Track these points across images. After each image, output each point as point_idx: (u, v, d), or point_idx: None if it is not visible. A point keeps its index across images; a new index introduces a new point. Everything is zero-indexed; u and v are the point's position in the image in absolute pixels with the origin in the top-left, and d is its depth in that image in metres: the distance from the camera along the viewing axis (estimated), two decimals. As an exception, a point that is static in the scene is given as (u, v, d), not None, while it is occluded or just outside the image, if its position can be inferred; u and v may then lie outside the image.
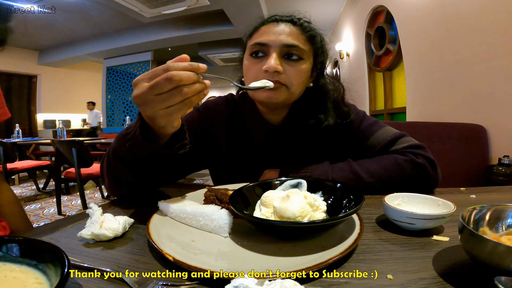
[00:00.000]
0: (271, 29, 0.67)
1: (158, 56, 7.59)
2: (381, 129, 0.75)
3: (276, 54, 0.65)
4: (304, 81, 0.69)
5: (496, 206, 0.37)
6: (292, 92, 0.67)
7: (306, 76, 0.69)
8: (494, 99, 1.57)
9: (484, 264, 0.30)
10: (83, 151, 2.53)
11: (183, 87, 0.43)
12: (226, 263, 0.36)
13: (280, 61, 0.65)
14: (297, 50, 0.66)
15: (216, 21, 5.23)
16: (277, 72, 0.64)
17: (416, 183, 0.67)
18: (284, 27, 0.67)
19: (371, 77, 3.86)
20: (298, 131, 0.76)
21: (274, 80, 0.64)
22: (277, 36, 0.65)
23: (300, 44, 0.66)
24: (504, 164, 1.42)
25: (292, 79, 0.66)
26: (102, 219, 0.46)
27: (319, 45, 0.72)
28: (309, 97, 0.74)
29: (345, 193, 0.50)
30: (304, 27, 0.69)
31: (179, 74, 0.43)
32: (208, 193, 0.54)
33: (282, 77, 0.65)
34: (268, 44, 0.66)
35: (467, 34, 1.76)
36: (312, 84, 0.74)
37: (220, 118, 0.81)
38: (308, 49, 0.68)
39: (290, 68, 0.66)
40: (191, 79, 0.44)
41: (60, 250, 0.29)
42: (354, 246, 0.38)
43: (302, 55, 0.67)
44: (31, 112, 7.18)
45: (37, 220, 2.69)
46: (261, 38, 0.67)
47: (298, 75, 0.67)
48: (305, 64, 0.68)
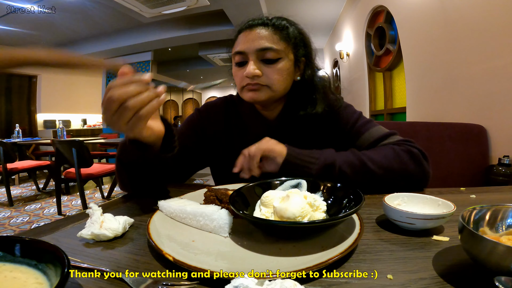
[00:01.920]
0: (246, 37, 0.71)
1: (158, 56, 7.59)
2: (375, 127, 0.79)
3: (252, 59, 0.70)
4: (286, 78, 0.73)
5: (496, 206, 0.37)
6: (274, 90, 0.72)
7: (287, 73, 0.73)
8: (494, 99, 1.57)
9: (484, 264, 0.30)
10: (83, 151, 2.53)
11: (128, 101, 0.45)
12: (226, 263, 0.36)
13: (259, 65, 0.70)
14: (272, 51, 0.69)
15: (216, 21, 5.23)
16: (256, 76, 0.70)
17: (412, 173, 0.67)
18: (257, 32, 0.71)
19: (371, 77, 3.86)
20: (293, 125, 0.79)
21: (254, 83, 0.70)
22: (251, 42, 0.70)
23: (274, 45, 0.70)
24: (504, 164, 1.42)
25: (272, 79, 0.70)
26: (102, 219, 0.46)
27: (297, 40, 0.74)
28: (299, 90, 0.78)
29: (345, 193, 0.50)
30: (276, 26, 0.72)
31: (117, 92, 0.44)
32: (208, 193, 0.54)
33: (262, 79, 0.70)
34: (244, 51, 0.71)
35: (467, 34, 1.76)
36: (299, 78, 0.77)
37: (219, 117, 0.85)
38: (284, 47, 0.71)
39: (269, 70, 0.70)
40: (131, 92, 0.45)
41: (60, 250, 0.29)
42: (354, 246, 0.38)
43: (279, 55, 0.70)
44: (31, 112, 7.17)
45: (37, 220, 2.69)
46: (238, 47, 0.72)
47: (278, 75, 0.71)
48: (283, 62, 0.71)
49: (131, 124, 0.47)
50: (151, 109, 0.47)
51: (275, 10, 0.79)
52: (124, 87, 0.45)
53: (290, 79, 0.75)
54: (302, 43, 0.76)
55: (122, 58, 6.67)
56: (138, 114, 0.46)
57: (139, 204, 0.63)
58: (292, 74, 0.75)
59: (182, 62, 9.35)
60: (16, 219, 2.72)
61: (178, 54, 8.33)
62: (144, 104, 0.46)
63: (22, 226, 2.54)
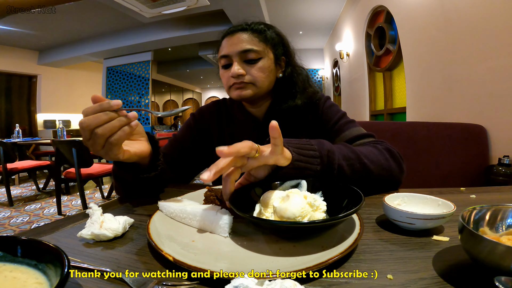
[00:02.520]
0: (229, 41, 0.79)
1: (158, 56, 7.60)
2: (356, 127, 0.82)
3: (236, 61, 0.77)
4: (269, 75, 0.80)
5: (496, 206, 0.37)
6: (258, 86, 0.79)
7: (269, 71, 0.80)
8: (494, 99, 1.57)
9: (484, 264, 0.30)
10: (83, 151, 2.53)
11: (97, 129, 0.47)
12: (226, 263, 0.36)
13: (242, 65, 0.78)
14: (253, 52, 0.77)
15: (216, 21, 5.23)
16: (240, 75, 0.77)
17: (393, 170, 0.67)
18: (238, 36, 0.78)
19: (371, 77, 3.87)
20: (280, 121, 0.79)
21: (239, 82, 0.77)
22: (234, 46, 0.77)
23: (254, 47, 0.77)
24: (504, 164, 1.42)
25: (255, 77, 0.78)
26: (102, 219, 0.46)
27: (275, 41, 0.82)
28: (282, 86, 0.85)
29: (345, 193, 0.50)
30: (255, 30, 0.80)
31: (85, 121, 0.47)
32: (208, 193, 0.55)
33: (246, 78, 0.77)
34: (228, 55, 0.78)
35: (467, 34, 1.76)
36: (281, 75, 0.84)
37: (212, 119, 0.91)
38: (264, 47, 0.79)
39: (251, 69, 0.78)
40: (99, 120, 0.47)
41: (60, 250, 0.29)
42: (354, 246, 0.38)
43: (259, 55, 0.78)
44: (31, 112, 7.17)
45: (37, 220, 2.69)
46: (223, 51, 0.79)
47: (260, 72, 0.78)
48: (264, 61, 0.79)
49: (106, 150, 0.49)
50: (122, 135, 0.49)
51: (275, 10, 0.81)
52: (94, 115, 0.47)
53: (273, 76, 0.82)
54: (281, 43, 0.83)
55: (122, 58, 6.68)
56: (109, 141, 0.48)
57: (139, 204, 0.63)
58: (274, 71, 0.82)
59: (182, 62, 9.36)
60: (16, 219, 2.72)
61: (178, 54, 8.34)
62: (113, 132, 0.48)
63: (22, 226, 2.54)
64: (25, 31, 5.51)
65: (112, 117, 0.48)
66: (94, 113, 0.47)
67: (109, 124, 0.47)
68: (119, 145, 0.50)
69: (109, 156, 0.51)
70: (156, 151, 0.63)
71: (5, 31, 5.44)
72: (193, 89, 13.86)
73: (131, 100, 6.71)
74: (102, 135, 0.47)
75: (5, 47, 6.24)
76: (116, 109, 0.48)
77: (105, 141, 0.48)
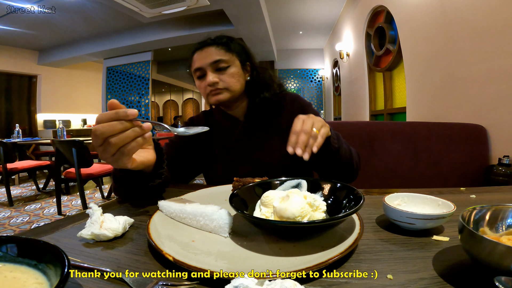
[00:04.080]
0: (200, 56, 0.89)
1: (158, 56, 7.58)
2: None
3: (209, 71, 0.87)
4: (239, 79, 0.90)
5: (496, 206, 0.37)
6: (232, 90, 0.88)
7: (238, 75, 0.90)
8: (494, 99, 1.57)
9: (484, 264, 0.30)
10: (83, 151, 2.53)
11: (110, 138, 0.46)
12: (226, 263, 0.36)
13: (215, 74, 0.87)
14: (222, 61, 0.87)
15: (216, 21, 5.23)
16: (215, 83, 0.86)
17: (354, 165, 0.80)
18: (207, 50, 0.88)
19: (371, 77, 3.86)
20: (258, 119, 0.94)
21: (215, 89, 0.87)
22: (205, 59, 0.87)
23: (222, 56, 0.87)
24: (504, 164, 1.42)
25: (227, 82, 0.88)
26: (102, 219, 0.46)
27: (237, 49, 0.92)
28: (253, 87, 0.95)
29: (345, 193, 0.50)
30: (219, 43, 0.90)
31: (99, 128, 0.45)
32: (236, 183, 0.59)
33: (220, 84, 0.87)
34: (201, 67, 0.88)
35: (467, 34, 1.76)
36: (249, 78, 0.95)
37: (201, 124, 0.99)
38: (230, 56, 0.89)
39: (223, 76, 0.87)
40: (114, 129, 0.46)
41: (60, 250, 0.29)
42: (354, 246, 0.38)
43: (227, 63, 0.88)
44: (31, 112, 7.17)
45: (37, 220, 2.69)
46: (196, 64, 0.89)
47: (231, 78, 0.88)
48: (233, 68, 0.89)
49: (115, 158, 0.48)
50: (135, 146, 0.49)
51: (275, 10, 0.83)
52: (109, 123, 0.45)
53: (242, 79, 0.92)
54: (243, 51, 0.94)
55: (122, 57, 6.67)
56: (121, 150, 0.47)
57: (139, 204, 0.64)
58: (242, 75, 0.92)
59: (182, 62, 9.34)
60: (16, 219, 2.72)
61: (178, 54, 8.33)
62: (126, 142, 0.47)
63: (22, 226, 2.54)
64: (25, 31, 5.51)
65: (127, 127, 0.47)
66: (109, 121, 0.46)
67: (123, 134, 0.46)
68: (130, 155, 0.50)
69: (117, 164, 0.50)
70: (160, 159, 0.64)
71: (5, 31, 5.43)
72: (193, 89, 13.85)
73: (131, 100, 6.71)
74: (115, 145, 0.46)
75: (5, 47, 6.24)
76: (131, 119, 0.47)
77: (117, 150, 0.47)
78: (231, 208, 0.44)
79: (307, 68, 7.73)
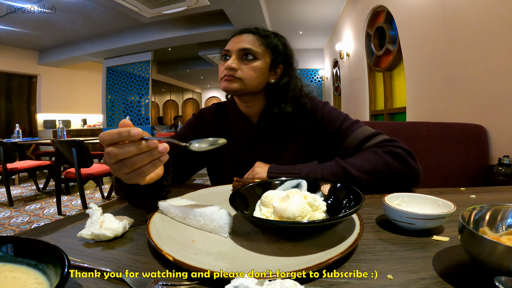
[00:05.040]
0: (234, 40, 0.85)
1: (158, 56, 7.59)
2: (360, 128, 0.82)
3: (234, 56, 0.82)
4: (259, 76, 0.83)
5: (496, 206, 0.37)
6: (245, 83, 0.82)
7: (261, 72, 0.84)
8: (494, 99, 1.57)
9: (484, 264, 0.30)
10: (83, 151, 2.53)
11: (125, 160, 0.45)
12: (226, 263, 0.36)
13: (238, 61, 0.82)
14: (250, 51, 0.82)
15: (216, 21, 5.23)
16: (232, 69, 0.81)
17: (400, 173, 0.70)
18: (243, 36, 0.84)
19: (371, 77, 3.86)
20: (273, 125, 0.89)
21: (229, 74, 0.81)
22: (236, 44, 0.84)
23: (254, 47, 0.82)
24: (504, 164, 1.42)
25: (245, 74, 0.82)
26: (102, 219, 0.46)
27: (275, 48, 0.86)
28: (275, 92, 0.88)
29: (345, 193, 0.50)
30: (261, 34, 0.85)
31: (113, 151, 0.44)
32: (236, 183, 0.59)
33: (238, 73, 0.81)
34: (229, 49, 0.84)
35: (467, 34, 1.76)
36: (273, 81, 0.87)
37: (210, 121, 0.95)
38: (262, 50, 0.84)
39: (245, 66, 0.82)
40: (128, 152, 0.44)
41: (60, 250, 0.29)
42: (354, 246, 0.38)
43: (255, 56, 0.82)
44: (31, 112, 7.17)
45: (37, 220, 2.69)
46: (227, 46, 0.86)
47: (251, 71, 0.82)
48: (259, 62, 0.83)
49: (129, 177, 0.47)
50: (150, 168, 0.47)
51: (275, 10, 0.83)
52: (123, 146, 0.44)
53: (264, 79, 0.85)
54: (283, 52, 0.87)
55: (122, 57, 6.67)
56: (136, 172, 0.46)
57: (139, 204, 0.64)
58: (266, 75, 0.85)
59: (182, 62, 9.35)
60: (16, 219, 2.71)
61: (178, 54, 8.33)
62: (142, 165, 0.46)
63: (22, 226, 2.54)
64: (25, 31, 5.51)
65: (142, 150, 0.45)
66: (111, 141, 0.45)
67: (138, 158, 0.45)
68: (145, 176, 0.48)
69: (129, 181, 0.49)
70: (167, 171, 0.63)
71: (5, 31, 5.43)
72: (193, 89, 13.87)
73: (131, 100, 6.71)
74: (130, 167, 0.45)
75: (5, 47, 6.24)
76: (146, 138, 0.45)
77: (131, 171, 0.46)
78: (231, 208, 0.44)
79: (307, 68, 7.72)
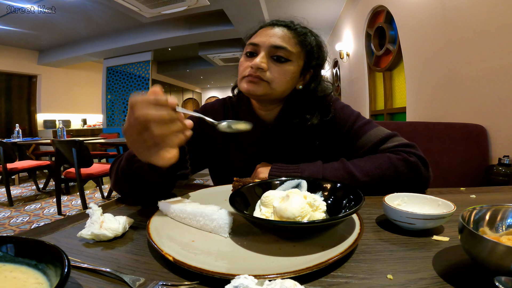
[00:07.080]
0: (265, 32, 0.71)
1: (158, 56, 7.57)
2: (373, 129, 0.76)
3: (264, 53, 0.69)
4: (289, 81, 0.72)
5: (496, 206, 0.37)
6: (273, 88, 0.70)
7: (292, 77, 0.72)
8: (494, 99, 1.57)
9: (484, 264, 0.30)
10: (83, 151, 2.53)
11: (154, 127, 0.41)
12: (226, 263, 0.36)
13: (267, 60, 0.69)
14: (285, 51, 0.69)
15: (216, 21, 5.22)
16: (260, 69, 0.68)
17: (409, 182, 0.67)
18: (277, 30, 0.71)
19: (371, 77, 3.86)
20: (289, 130, 0.79)
21: (255, 75, 0.68)
22: (268, 38, 0.70)
23: (289, 46, 0.69)
24: (504, 164, 1.42)
25: (275, 78, 0.70)
26: (102, 219, 0.46)
27: (313, 50, 0.74)
28: (299, 98, 0.77)
29: (345, 193, 0.50)
30: (298, 31, 0.72)
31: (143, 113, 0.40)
32: (236, 183, 0.58)
33: (265, 74, 0.69)
34: (259, 44, 0.70)
35: (467, 34, 1.76)
36: (301, 87, 0.76)
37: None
38: (298, 51, 0.71)
39: (276, 68, 0.70)
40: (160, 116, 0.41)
41: (60, 250, 0.29)
42: (354, 246, 0.38)
43: (289, 57, 0.70)
44: (31, 112, 7.16)
45: (37, 220, 2.69)
46: (255, 39, 0.72)
47: (282, 75, 0.70)
48: (291, 66, 0.71)
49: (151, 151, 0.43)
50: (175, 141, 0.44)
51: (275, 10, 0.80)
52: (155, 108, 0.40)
53: (292, 84, 0.74)
54: (317, 55, 0.76)
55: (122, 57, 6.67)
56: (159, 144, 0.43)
57: (139, 204, 0.63)
58: (296, 79, 0.74)
59: (182, 62, 9.34)
60: (16, 219, 2.71)
61: (178, 54, 8.32)
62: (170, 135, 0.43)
63: (22, 226, 2.54)
64: (25, 31, 5.50)
65: (173, 118, 0.41)
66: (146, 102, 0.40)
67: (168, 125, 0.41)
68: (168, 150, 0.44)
69: (148, 157, 0.44)
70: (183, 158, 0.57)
71: (5, 31, 5.43)
72: (193, 89, 13.86)
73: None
74: (157, 135, 0.41)
75: (5, 47, 6.24)
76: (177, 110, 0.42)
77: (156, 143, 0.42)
78: (231, 208, 0.44)
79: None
